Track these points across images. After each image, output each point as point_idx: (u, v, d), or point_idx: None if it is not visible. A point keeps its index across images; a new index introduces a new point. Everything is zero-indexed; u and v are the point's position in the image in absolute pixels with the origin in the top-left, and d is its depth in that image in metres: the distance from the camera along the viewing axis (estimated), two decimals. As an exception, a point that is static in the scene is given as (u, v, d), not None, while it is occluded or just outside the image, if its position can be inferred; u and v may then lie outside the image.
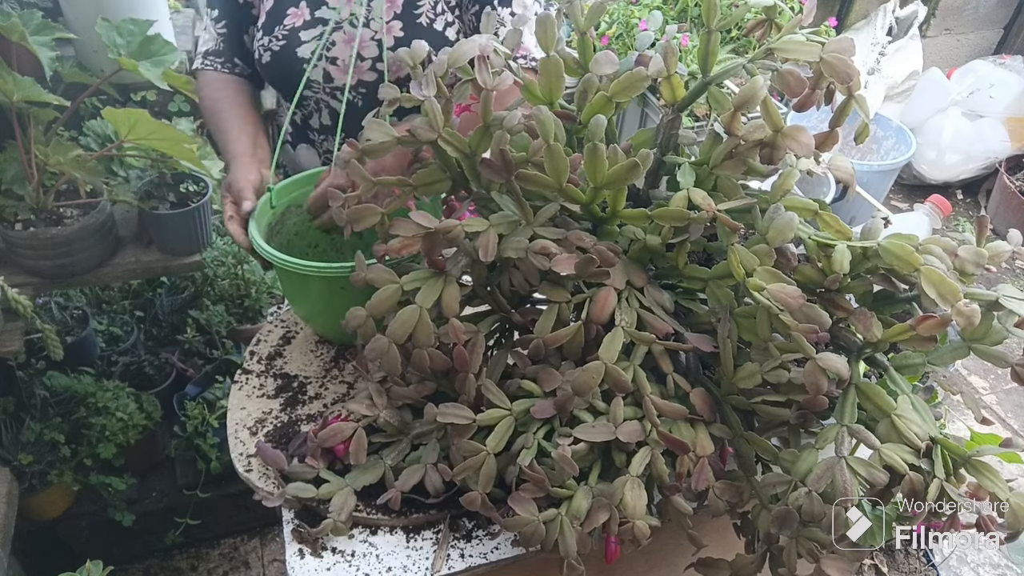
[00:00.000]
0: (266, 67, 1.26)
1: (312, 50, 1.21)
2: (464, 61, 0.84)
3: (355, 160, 0.88)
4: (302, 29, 1.21)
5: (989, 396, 2.62)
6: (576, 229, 0.84)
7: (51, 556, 1.84)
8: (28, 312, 1.28)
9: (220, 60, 1.30)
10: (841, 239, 0.79)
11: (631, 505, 0.78)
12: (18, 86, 1.27)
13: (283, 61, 1.23)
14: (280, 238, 1.17)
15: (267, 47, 1.24)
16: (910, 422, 0.75)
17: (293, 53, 1.22)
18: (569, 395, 0.81)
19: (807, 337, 0.73)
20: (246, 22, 1.29)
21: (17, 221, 1.39)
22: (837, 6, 3.33)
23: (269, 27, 1.24)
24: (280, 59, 1.23)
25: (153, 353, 2.06)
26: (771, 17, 0.86)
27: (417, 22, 1.19)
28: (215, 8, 1.29)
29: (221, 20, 1.28)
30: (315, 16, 1.21)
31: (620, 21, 2.38)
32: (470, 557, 0.91)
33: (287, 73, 1.24)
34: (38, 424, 1.67)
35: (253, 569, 2.00)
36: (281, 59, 1.23)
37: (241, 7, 1.27)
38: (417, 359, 0.84)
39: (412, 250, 0.83)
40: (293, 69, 1.22)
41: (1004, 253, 0.80)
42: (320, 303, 1.08)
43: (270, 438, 1.03)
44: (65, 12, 1.59)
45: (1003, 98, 3.34)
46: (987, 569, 2.07)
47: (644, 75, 0.82)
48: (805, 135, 0.78)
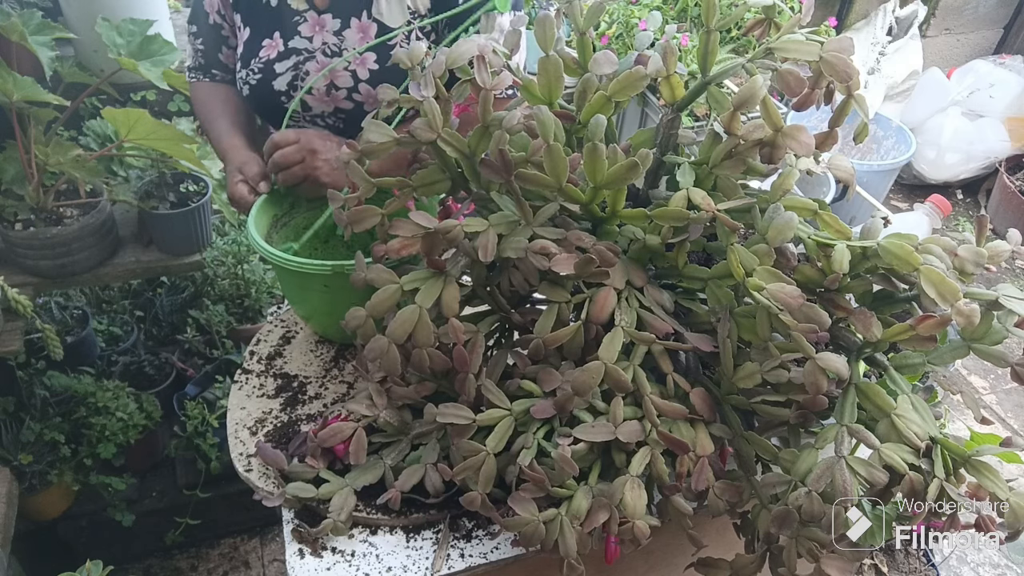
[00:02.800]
0: (248, 100, 1.28)
1: (288, 81, 1.22)
2: (463, 61, 0.84)
3: (354, 161, 0.88)
4: (276, 61, 1.22)
5: (989, 396, 2.62)
6: (576, 229, 0.84)
7: (51, 556, 1.84)
8: (28, 312, 1.28)
9: (201, 73, 1.33)
10: (841, 239, 0.79)
11: (631, 505, 0.78)
12: (18, 86, 1.27)
13: (261, 94, 1.24)
14: (287, 231, 1.16)
15: (245, 80, 1.25)
16: (910, 422, 0.75)
17: (270, 86, 1.23)
18: (569, 395, 0.81)
19: (807, 337, 0.73)
20: (219, 42, 1.30)
21: (17, 221, 1.39)
22: (837, 6, 3.33)
23: (246, 60, 1.24)
24: (258, 93, 1.24)
25: (153, 353, 2.06)
26: (770, 16, 0.86)
27: (390, 53, 1.19)
28: (193, 24, 1.31)
29: (199, 37, 1.31)
30: (288, 47, 1.21)
31: (620, 21, 2.37)
32: (470, 557, 0.91)
33: (267, 105, 1.25)
34: (38, 424, 1.67)
35: (253, 569, 2.00)
36: (259, 93, 1.24)
37: (212, 28, 1.29)
38: (417, 359, 0.84)
39: (412, 250, 0.83)
40: (272, 102, 1.24)
41: (1004, 253, 0.80)
42: (318, 302, 1.08)
43: (270, 438, 1.03)
44: (65, 12, 1.60)
45: (1003, 98, 3.34)
46: (987, 569, 2.07)
47: (643, 74, 0.82)
48: (805, 134, 0.78)
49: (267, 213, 1.12)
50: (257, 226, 1.07)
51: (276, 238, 1.14)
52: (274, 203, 1.14)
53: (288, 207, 1.16)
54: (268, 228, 1.12)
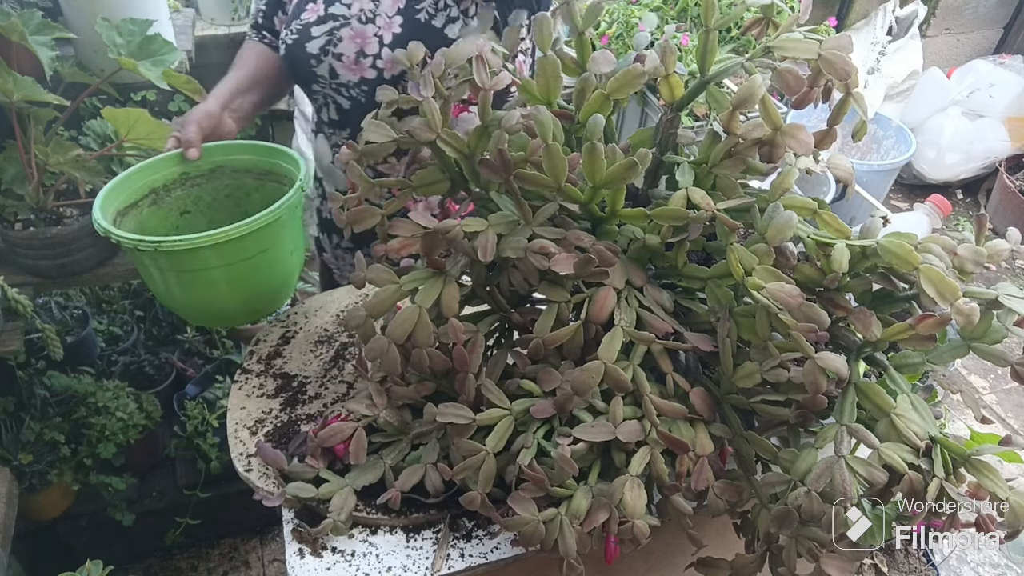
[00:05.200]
0: (284, 60, 1.29)
1: (320, 45, 1.22)
2: (462, 61, 0.84)
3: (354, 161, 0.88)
4: (314, 25, 1.23)
5: (989, 395, 2.62)
6: (575, 229, 0.84)
7: (51, 556, 1.84)
8: (28, 312, 1.28)
9: (255, 32, 1.36)
10: (840, 238, 0.78)
11: (631, 505, 0.78)
12: (18, 86, 1.27)
13: (294, 55, 1.25)
14: (169, 206, 1.14)
15: (284, 40, 1.27)
16: (910, 421, 0.75)
17: (303, 48, 1.24)
18: (569, 395, 0.81)
19: (806, 336, 0.73)
20: (277, 6, 1.33)
21: (17, 221, 1.39)
22: (837, 5, 3.33)
23: (290, 21, 1.27)
24: (292, 53, 1.26)
25: (153, 353, 2.06)
26: (768, 16, 0.86)
27: (416, 17, 1.20)
28: None
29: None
30: (328, 12, 1.23)
31: (620, 21, 2.37)
32: (470, 557, 0.91)
33: (298, 67, 1.26)
34: (38, 424, 1.67)
35: (253, 569, 2.00)
36: (293, 53, 1.25)
37: None
38: (417, 359, 0.84)
39: (411, 250, 0.83)
40: (302, 63, 1.25)
41: (1003, 252, 0.80)
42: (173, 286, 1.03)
43: (270, 438, 1.03)
44: (65, 12, 1.59)
45: (1003, 98, 3.34)
46: (987, 569, 2.07)
47: (641, 71, 0.82)
48: (804, 133, 0.78)
49: (114, 200, 1.07)
50: (104, 212, 1.02)
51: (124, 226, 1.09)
52: (125, 190, 1.10)
53: (136, 198, 1.12)
54: (113, 217, 1.07)
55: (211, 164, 1.16)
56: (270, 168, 1.16)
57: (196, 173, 1.15)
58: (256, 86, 1.31)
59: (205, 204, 1.19)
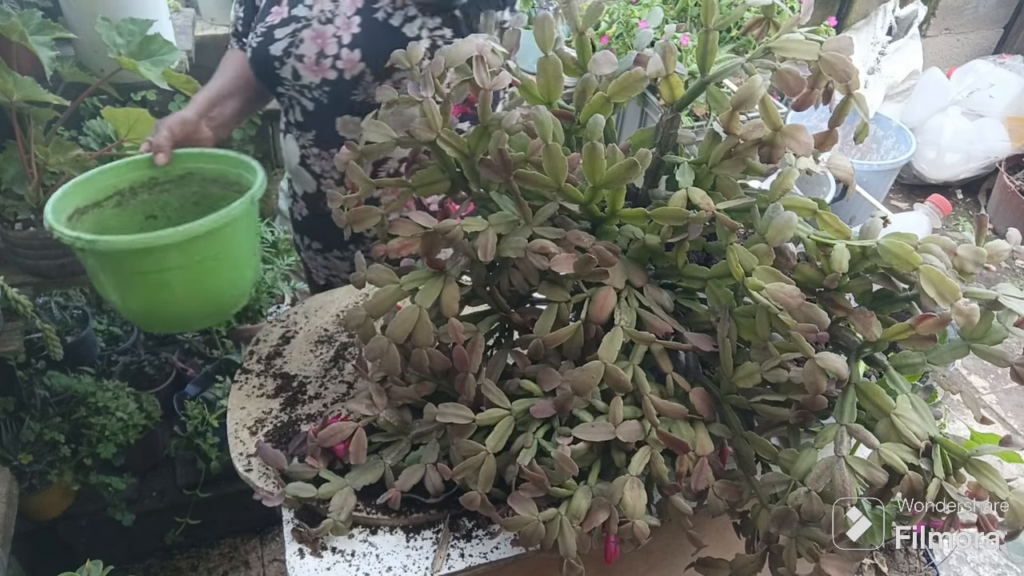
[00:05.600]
0: (250, 62, 1.29)
1: (283, 47, 1.23)
2: (461, 60, 0.84)
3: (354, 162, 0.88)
4: (278, 27, 1.24)
5: (989, 396, 2.62)
6: (575, 229, 0.84)
7: (51, 556, 1.84)
8: (28, 312, 1.28)
9: (236, 40, 1.38)
10: (840, 238, 0.79)
11: (631, 505, 0.78)
12: (18, 86, 1.27)
13: (259, 57, 1.26)
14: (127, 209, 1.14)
15: (249, 43, 1.27)
16: (909, 421, 0.75)
17: (267, 50, 1.24)
18: (569, 395, 0.81)
19: (806, 336, 0.73)
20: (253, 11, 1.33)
21: (17, 221, 1.39)
22: (837, 6, 3.33)
23: (255, 24, 1.27)
24: (257, 55, 1.26)
25: (153, 353, 2.06)
26: (769, 16, 0.86)
27: (374, 16, 1.19)
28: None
29: (242, 5, 1.35)
30: (291, 14, 1.23)
31: (620, 20, 2.37)
32: (470, 557, 0.91)
33: (263, 69, 1.27)
34: (38, 424, 1.67)
35: (253, 569, 2.00)
36: (257, 55, 1.26)
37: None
38: (417, 359, 0.84)
39: (411, 250, 0.83)
40: (267, 65, 1.25)
41: (1003, 252, 0.80)
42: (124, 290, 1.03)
43: (270, 438, 1.03)
44: (65, 12, 1.59)
45: (1003, 98, 3.34)
46: (987, 569, 2.07)
47: (642, 75, 0.82)
48: (804, 134, 0.78)
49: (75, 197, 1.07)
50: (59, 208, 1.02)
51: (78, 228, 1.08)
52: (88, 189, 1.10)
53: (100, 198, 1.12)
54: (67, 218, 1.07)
55: (181, 170, 1.16)
56: (236, 179, 1.15)
57: (165, 179, 1.16)
58: (237, 92, 1.32)
59: (172, 210, 1.19)
